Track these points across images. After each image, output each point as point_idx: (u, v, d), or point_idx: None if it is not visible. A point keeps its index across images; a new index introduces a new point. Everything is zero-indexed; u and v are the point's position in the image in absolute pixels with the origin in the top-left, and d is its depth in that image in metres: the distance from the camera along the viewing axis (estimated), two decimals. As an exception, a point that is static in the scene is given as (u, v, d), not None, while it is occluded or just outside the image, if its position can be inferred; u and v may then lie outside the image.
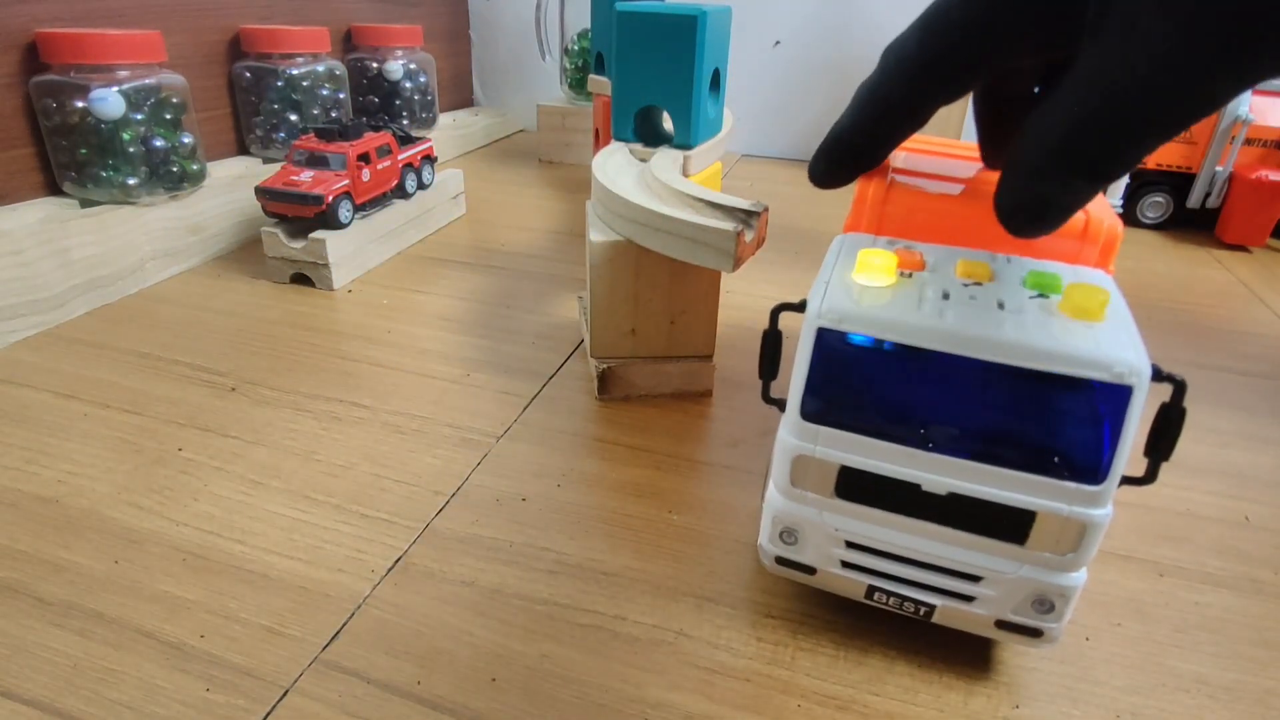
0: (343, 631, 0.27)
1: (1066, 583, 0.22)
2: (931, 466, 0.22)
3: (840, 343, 0.21)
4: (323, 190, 0.52)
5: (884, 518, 0.23)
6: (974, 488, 0.21)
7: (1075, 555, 0.21)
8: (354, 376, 0.43)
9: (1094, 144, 0.18)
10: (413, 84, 0.85)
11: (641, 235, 0.36)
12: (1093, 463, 0.20)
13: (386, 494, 0.34)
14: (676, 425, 0.39)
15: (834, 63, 0.96)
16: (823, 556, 0.25)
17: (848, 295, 0.22)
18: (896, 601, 0.25)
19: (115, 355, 0.44)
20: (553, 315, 0.52)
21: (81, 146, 0.50)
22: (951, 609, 0.24)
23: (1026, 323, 0.20)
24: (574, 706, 0.24)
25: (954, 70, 0.21)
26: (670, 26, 0.39)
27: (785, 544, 0.25)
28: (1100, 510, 0.21)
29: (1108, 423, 0.20)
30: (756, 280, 0.59)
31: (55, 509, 0.32)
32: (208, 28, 0.64)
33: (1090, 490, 0.20)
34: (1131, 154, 0.18)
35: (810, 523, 0.24)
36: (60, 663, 0.25)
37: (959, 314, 0.21)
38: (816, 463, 0.23)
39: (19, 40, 0.49)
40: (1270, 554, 0.32)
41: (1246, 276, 0.66)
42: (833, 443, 0.23)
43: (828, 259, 0.25)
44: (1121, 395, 0.19)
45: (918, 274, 0.23)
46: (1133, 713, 0.25)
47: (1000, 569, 0.23)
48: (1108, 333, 0.20)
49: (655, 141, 0.44)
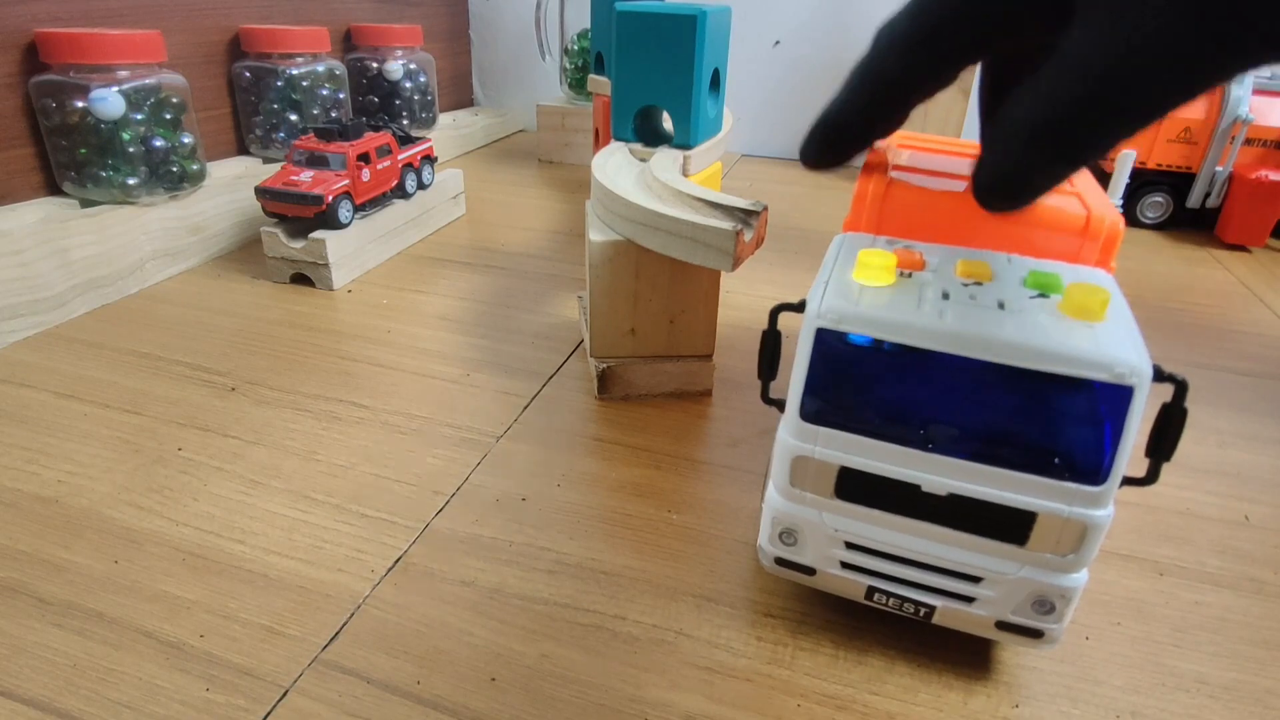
0: (343, 631, 0.27)
1: (1067, 583, 0.22)
2: (931, 467, 0.22)
3: (840, 343, 0.21)
4: (323, 190, 0.52)
5: (884, 518, 0.23)
6: (974, 488, 0.21)
7: (1076, 556, 0.21)
8: (354, 376, 0.43)
9: (1070, 126, 0.18)
10: (413, 84, 0.85)
11: (641, 235, 0.36)
12: (1094, 464, 0.20)
13: (386, 494, 0.34)
14: (676, 425, 0.39)
15: (834, 63, 0.96)
16: (822, 557, 0.25)
17: (847, 295, 0.22)
18: (896, 602, 0.25)
19: (115, 355, 0.44)
20: (553, 315, 0.52)
21: (81, 146, 0.50)
22: (951, 610, 0.24)
23: (1026, 323, 0.20)
24: (574, 706, 0.24)
25: (946, 47, 0.21)
26: (670, 26, 0.39)
27: (785, 545, 0.25)
28: (1101, 511, 0.21)
29: (1109, 423, 0.20)
30: (756, 280, 0.59)
31: (55, 509, 0.32)
32: (208, 28, 0.64)
33: (1091, 491, 0.20)
34: (1106, 139, 0.18)
35: (810, 523, 0.24)
36: (60, 663, 0.25)
37: (958, 314, 0.21)
38: (816, 463, 0.23)
39: (19, 40, 0.49)
40: (1270, 554, 0.32)
41: (1246, 276, 0.66)
42: (832, 443, 0.23)
43: (827, 259, 0.25)
44: (1123, 396, 0.19)
45: (917, 274, 0.23)
46: (1133, 712, 0.25)
47: (1000, 570, 0.23)
48: (1108, 333, 0.20)
49: (655, 141, 0.44)
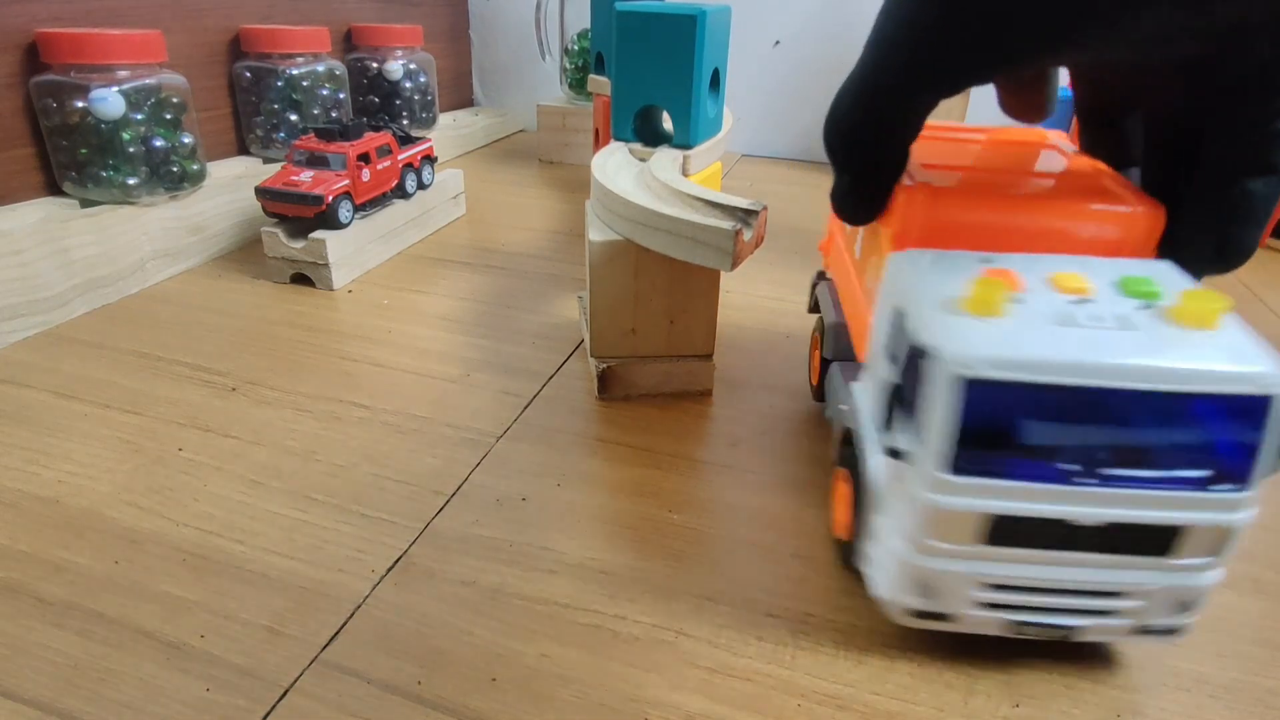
0: (343, 631, 0.27)
1: (1206, 583, 0.23)
2: (1085, 500, 0.21)
3: (987, 391, 0.20)
4: (323, 190, 0.52)
5: (1031, 555, 0.23)
6: (1129, 514, 0.21)
7: (1218, 558, 0.22)
8: (354, 376, 0.43)
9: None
10: (413, 84, 0.85)
11: (641, 235, 0.36)
12: (1240, 471, 0.21)
13: (386, 494, 0.34)
14: (676, 425, 0.39)
15: (834, 63, 0.96)
16: (963, 601, 0.24)
17: (977, 337, 0.21)
18: (1038, 630, 0.24)
19: (115, 355, 0.44)
20: (553, 315, 0.52)
21: (82, 146, 0.50)
22: (1094, 625, 0.24)
23: (1161, 341, 0.20)
24: (574, 706, 0.24)
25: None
26: (670, 26, 0.39)
27: (921, 597, 0.24)
28: (1245, 513, 0.21)
29: (1253, 431, 0.20)
30: (756, 280, 0.59)
31: (55, 509, 0.32)
32: (208, 28, 0.64)
33: (1238, 497, 0.21)
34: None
35: (951, 574, 0.23)
36: (60, 663, 0.25)
37: (1093, 342, 0.20)
38: (961, 515, 0.22)
39: (19, 40, 0.49)
40: (1270, 554, 0.32)
41: (1246, 276, 0.66)
42: (981, 493, 0.22)
43: (897, 283, 0.24)
44: (1266, 404, 0.20)
45: (1021, 295, 0.22)
46: (1133, 711, 0.25)
47: (1146, 582, 0.23)
48: (1234, 342, 0.21)
49: (655, 141, 0.44)
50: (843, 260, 0.35)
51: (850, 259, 0.34)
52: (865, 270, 0.30)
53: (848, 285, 0.33)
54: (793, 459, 0.37)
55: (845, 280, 0.34)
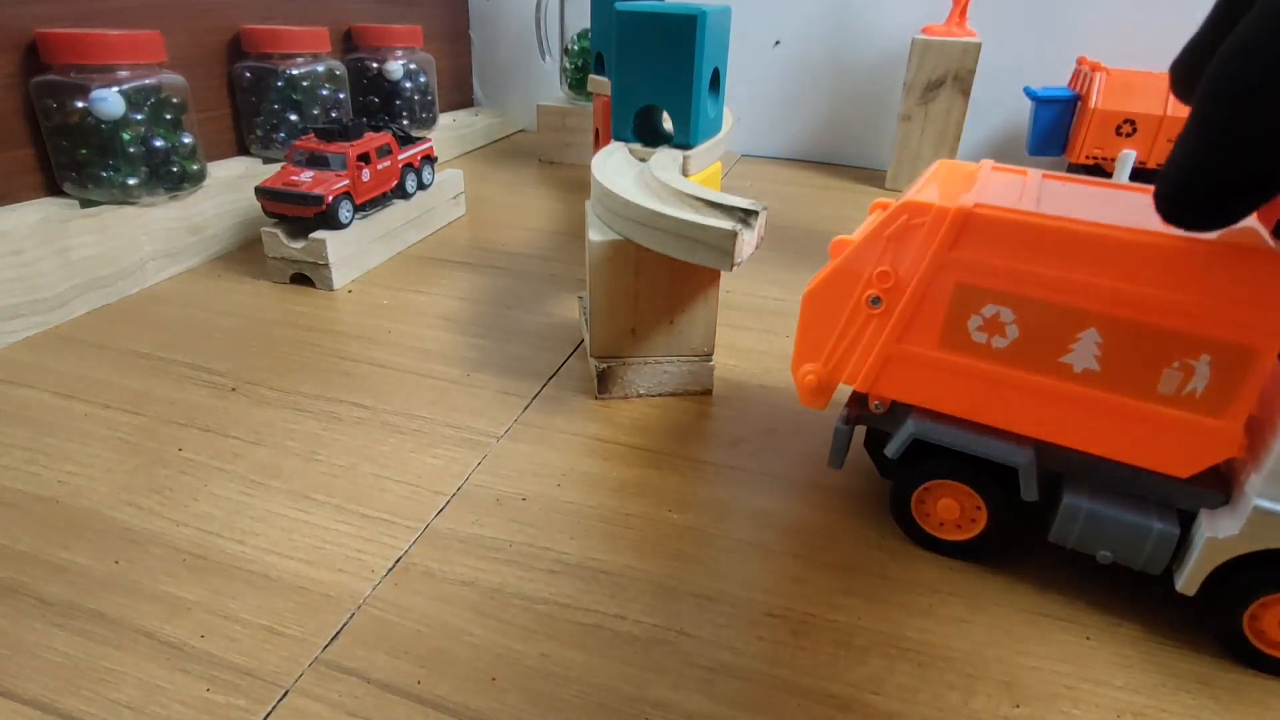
0: (343, 631, 0.27)
1: None
2: None
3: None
4: (323, 190, 0.52)
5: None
6: None
7: None
8: (354, 376, 0.43)
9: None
10: (413, 84, 0.85)
11: (641, 235, 0.36)
12: None
13: (386, 494, 0.34)
14: (676, 425, 0.39)
15: (834, 63, 0.96)
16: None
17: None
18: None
19: (115, 355, 0.44)
20: (553, 315, 0.52)
21: (82, 147, 0.50)
22: None
23: None
24: (574, 706, 0.24)
25: None
26: (670, 26, 0.39)
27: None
28: None
29: None
30: (756, 280, 0.59)
31: (55, 509, 0.32)
32: (208, 28, 0.64)
33: None
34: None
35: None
36: (60, 663, 0.25)
37: None
38: None
39: (19, 40, 0.49)
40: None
41: None
42: None
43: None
44: None
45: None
46: (1133, 712, 0.25)
47: None
48: None
49: (655, 141, 0.44)
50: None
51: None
52: None
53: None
54: (793, 459, 0.37)
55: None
